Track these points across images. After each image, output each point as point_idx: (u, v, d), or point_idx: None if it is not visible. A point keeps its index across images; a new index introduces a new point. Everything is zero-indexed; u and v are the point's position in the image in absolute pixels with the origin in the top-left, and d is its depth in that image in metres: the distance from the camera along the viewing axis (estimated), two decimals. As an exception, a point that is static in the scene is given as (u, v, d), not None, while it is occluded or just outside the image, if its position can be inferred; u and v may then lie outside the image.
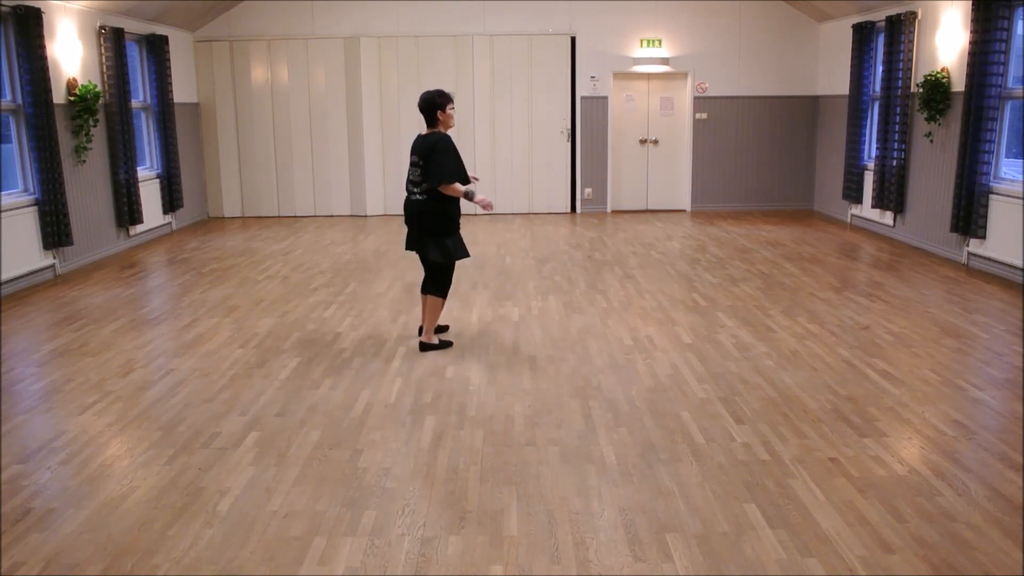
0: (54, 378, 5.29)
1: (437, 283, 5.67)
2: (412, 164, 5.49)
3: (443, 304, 5.77)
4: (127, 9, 9.61)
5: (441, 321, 6.27)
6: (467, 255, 5.71)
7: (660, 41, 12.00)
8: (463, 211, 5.77)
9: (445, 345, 5.78)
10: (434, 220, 5.48)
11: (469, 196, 5.45)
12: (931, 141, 8.97)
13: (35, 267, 8.00)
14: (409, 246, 5.70)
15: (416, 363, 5.48)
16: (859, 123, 10.56)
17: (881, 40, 10.02)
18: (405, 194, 5.59)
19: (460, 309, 6.78)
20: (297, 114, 12.07)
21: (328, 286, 7.72)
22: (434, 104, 5.43)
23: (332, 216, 12.26)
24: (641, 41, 12.01)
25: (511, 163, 12.11)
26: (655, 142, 12.49)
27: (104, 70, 9.25)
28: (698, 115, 12.19)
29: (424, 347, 5.71)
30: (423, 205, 5.46)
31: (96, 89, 8.78)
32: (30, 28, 7.76)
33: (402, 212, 5.76)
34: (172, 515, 3.52)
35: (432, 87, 12.58)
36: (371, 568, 3.11)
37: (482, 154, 12.07)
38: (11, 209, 7.68)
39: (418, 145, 5.48)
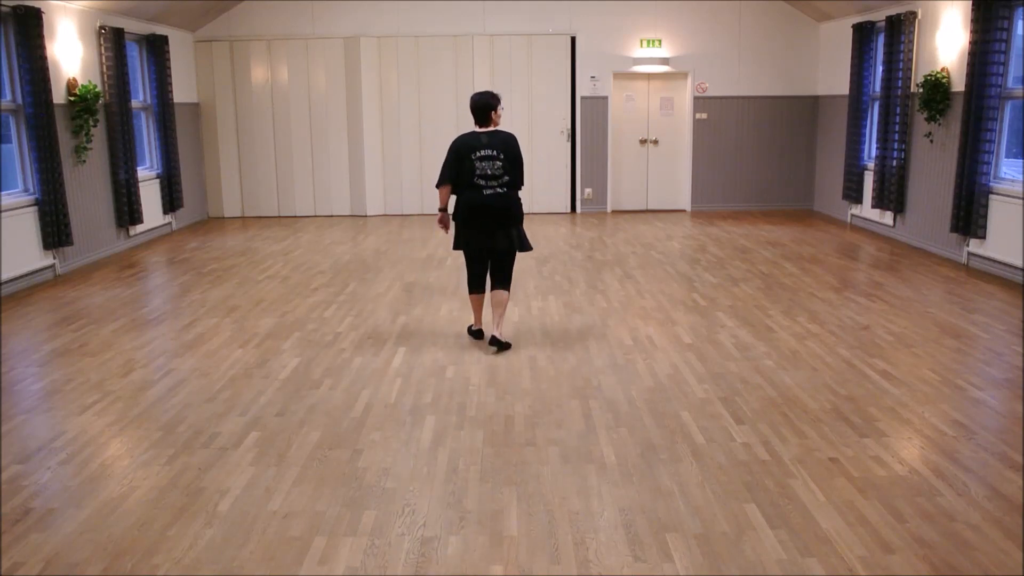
0: (54, 378, 5.29)
1: (510, 274, 5.78)
2: (487, 159, 5.53)
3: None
4: (127, 9, 9.61)
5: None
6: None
7: (660, 41, 12.00)
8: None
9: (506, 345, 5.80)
10: (518, 211, 5.68)
11: None
12: (931, 141, 8.97)
13: (35, 267, 8.00)
14: (476, 244, 5.69)
15: (416, 363, 5.48)
16: (859, 123, 10.56)
17: (881, 40, 10.02)
18: (470, 191, 5.57)
19: (460, 309, 6.78)
20: (297, 114, 12.07)
21: (328, 286, 7.72)
22: (489, 105, 5.60)
23: (332, 216, 12.26)
24: (641, 41, 12.01)
25: (511, 163, 12.09)
26: (655, 142, 12.49)
27: (104, 70, 9.25)
28: (698, 115, 12.19)
29: (500, 344, 5.68)
30: (507, 198, 5.60)
31: (96, 89, 8.78)
32: (30, 28, 7.76)
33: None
34: (172, 515, 3.52)
35: (432, 87, 12.63)
36: (371, 568, 3.12)
37: (482, 154, 12.07)
38: (11, 209, 7.68)
39: (494, 141, 5.56)
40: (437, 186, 5.70)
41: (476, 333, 5.96)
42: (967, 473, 3.80)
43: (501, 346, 5.71)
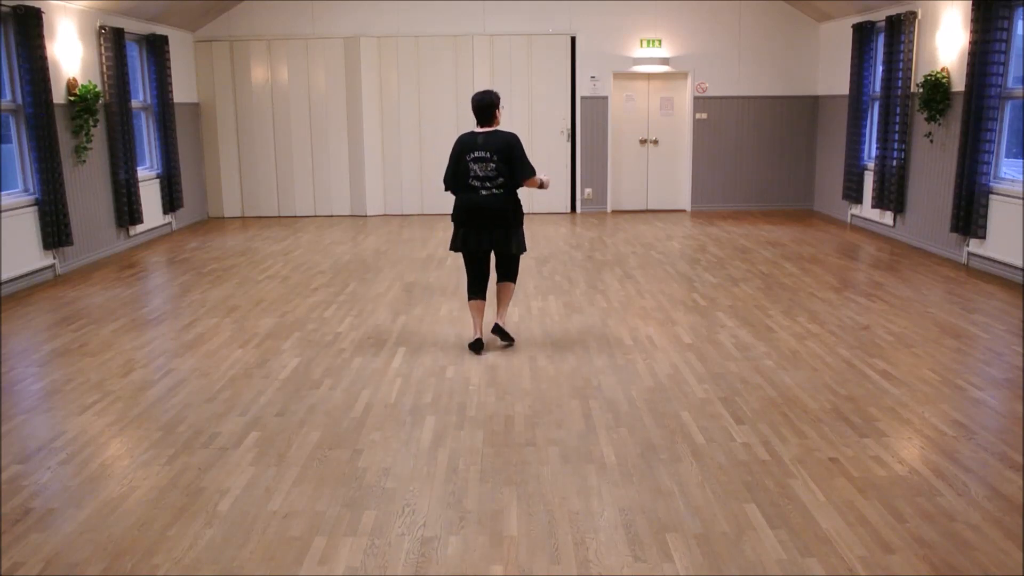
0: (54, 378, 5.29)
1: (515, 271, 5.84)
2: (479, 160, 5.52)
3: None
4: (127, 9, 9.61)
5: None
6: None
7: (660, 41, 12.00)
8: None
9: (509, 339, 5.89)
10: (515, 213, 5.65)
11: (544, 185, 5.75)
12: (931, 141, 8.97)
13: (35, 267, 7.99)
14: (473, 245, 5.65)
15: (416, 363, 5.48)
16: (859, 123, 10.56)
17: (881, 40, 10.02)
18: (467, 192, 5.58)
19: (460, 309, 6.79)
20: (297, 114, 12.07)
21: (328, 286, 7.72)
22: (492, 104, 5.58)
23: (332, 216, 12.26)
24: (641, 41, 12.01)
25: (511, 163, 12.09)
26: (655, 142, 12.49)
27: (104, 70, 9.25)
28: (698, 115, 12.19)
29: (503, 333, 5.80)
30: (502, 200, 5.57)
31: (96, 89, 8.78)
32: (30, 28, 7.76)
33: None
34: (172, 515, 3.52)
35: (432, 87, 12.61)
36: (371, 568, 3.12)
37: (482, 154, 12.07)
38: (11, 209, 7.67)
39: (489, 142, 5.52)
40: (446, 190, 5.77)
41: (475, 344, 5.67)
42: (967, 473, 3.80)
43: (504, 336, 5.77)
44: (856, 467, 3.87)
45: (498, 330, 5.79)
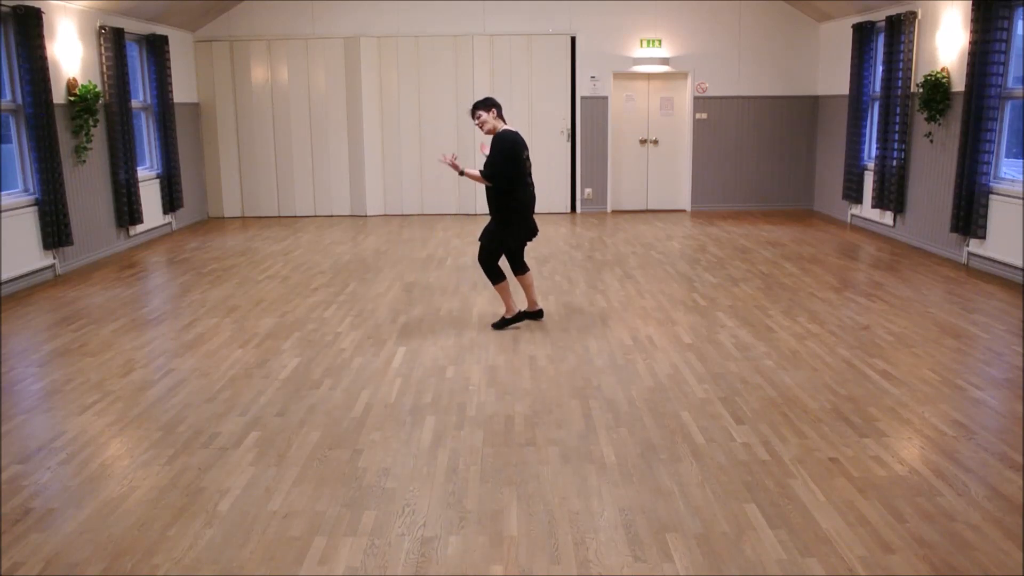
0: (54, 378, 5.29)
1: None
2: (527, 158, 6.15)
3: None
4: (127, 9, 9.61)
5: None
6: None
7: (660, 41, 12.00)
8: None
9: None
10: None
11: None
12: (931, 141, 8.97)
13: (35, 267, 7.99)
14: (528, 235, 6.29)
15: (416, 363, 5.48)
16: (859, 123, 10.56)
17: (881, 40, 10.02)
18: (526, 189, 6.16)
19: (460, 310, 6.79)
20: (297, 114, 12.07)
21: (328, 286, 7.72)
22: None
23: (332, 216, 12.26)
24: (641, 41, 12.01)
25: (511, 163, 12.09)
26: (655, 142, 12.49)
27: (104, 70, 9.25)
28: (698, 115, 12.19)
29: (541, 314, 6.42)
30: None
31: (96, 89, 8.78)
32: (30, 28, 7.76)
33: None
34: (172, 515, 3.52)
35: (432, 87, 12.65)
36: (371, 568, 3.12)
37: (481, 154, 12.06)
38: (11, 209, 7.67)
39: (523, 143, 6.08)
40: (492, 181, 5.97)
41: (518, 317, 6.28)
42: (967, 473, 3.80)
43: (540, 314, 6.41)
44: (856, 467, 3.87)
45: (540, 313, 6.39)
